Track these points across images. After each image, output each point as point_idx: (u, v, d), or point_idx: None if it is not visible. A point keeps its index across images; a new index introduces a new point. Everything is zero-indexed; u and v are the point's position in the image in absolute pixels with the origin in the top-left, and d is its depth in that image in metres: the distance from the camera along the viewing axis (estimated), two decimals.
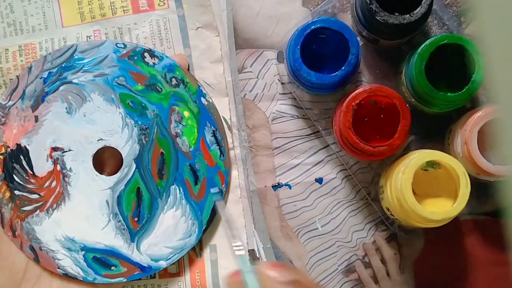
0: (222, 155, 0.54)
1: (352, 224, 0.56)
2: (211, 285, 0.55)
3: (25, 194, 0.53)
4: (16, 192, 0.53)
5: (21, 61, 0.55)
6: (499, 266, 0.56)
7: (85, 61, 0.54)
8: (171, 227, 0.53)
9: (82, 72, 0.53)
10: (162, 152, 0.53)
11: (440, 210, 0.49)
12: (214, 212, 0.54)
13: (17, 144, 0.53)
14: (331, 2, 0.55)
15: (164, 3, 0.56)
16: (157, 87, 0.53)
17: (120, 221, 0.53)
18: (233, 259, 0.46)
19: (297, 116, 0.56)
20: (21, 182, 0.53)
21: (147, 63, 0.54)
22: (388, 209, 0.53)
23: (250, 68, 0.56)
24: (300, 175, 0.56)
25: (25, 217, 0.53)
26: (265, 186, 0.56)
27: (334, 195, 0.56)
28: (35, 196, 0.53)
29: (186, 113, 0.54)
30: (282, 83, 0.56)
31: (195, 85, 0.54)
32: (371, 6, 0.49)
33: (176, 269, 0.55)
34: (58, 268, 0.53)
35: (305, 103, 0.56)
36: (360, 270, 0.56)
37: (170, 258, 0.53)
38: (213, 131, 0.54)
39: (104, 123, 0.53)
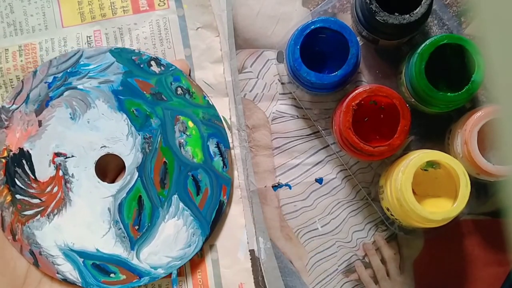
0: (225, 167, 0.54)
1: (352, 224, 0.56)
2: (213, 285, 0.55)
3: (26, 198, 0.53)
4: (18, 196, 0.53)
5: (21, 61, 0.55)
6: (499, 266, 0.56)
7: (90, 67, 0.53)
8: (171, 236, 0.53)
9: (87, 78, 0.53)
10: (165, 161, 0.53)
11: (440, 210, 0.49)
12: (214, 223, 0.54)
13: (19, 148, 0.53)
14: (331, 2, 0.55)
15: (164, 3, 0.56)
16: (163, 96, 0.53)
17: (120, 228, 0.53)
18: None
19: (297, 116, 0.56)
20: (23, 187, 0.53)
21: (153, 72, 0.53)
22: (388, 209, 0.53)
23: (250, 68, 0.56)
24: (300, 175, 0.56)
25: (26, 221, 0.53)
26: (265, 186, 0.56)
27: (334, 195, 0.56)
28: (36, 201, 0.53)
29: (191, 123, 0.54)
30: (282, 83, 0.56)
31: (200, 95, 0.54)
32: (371, 6, 0.49)
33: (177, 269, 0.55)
34: (58, 273, 0.53)
35: (305, 103, 0.56)
36: (360, 270, 0.56)
37: (169, 267, 0.53)
38: (217, 142, 0.54)
39: (108, 130, 0.53)
